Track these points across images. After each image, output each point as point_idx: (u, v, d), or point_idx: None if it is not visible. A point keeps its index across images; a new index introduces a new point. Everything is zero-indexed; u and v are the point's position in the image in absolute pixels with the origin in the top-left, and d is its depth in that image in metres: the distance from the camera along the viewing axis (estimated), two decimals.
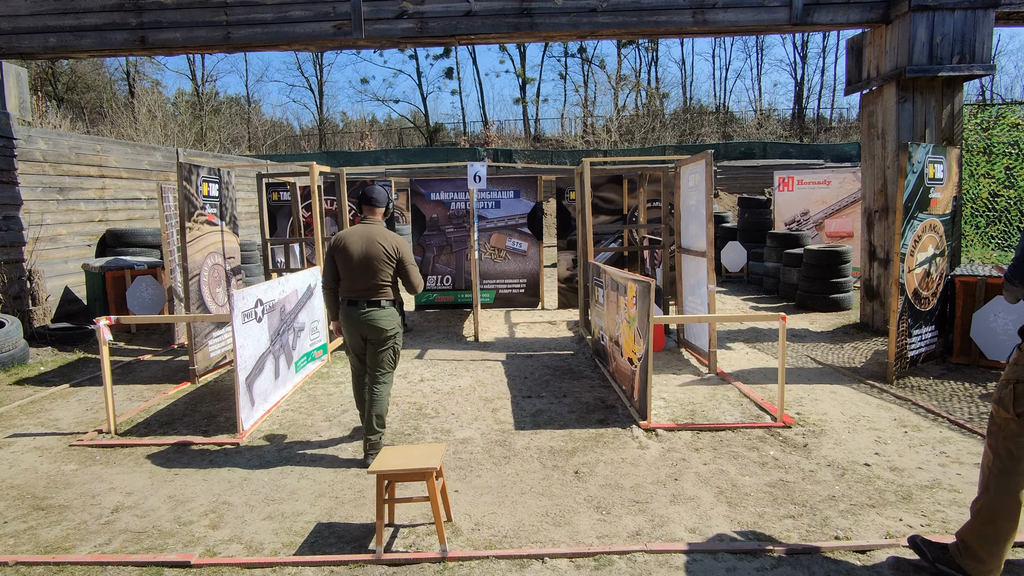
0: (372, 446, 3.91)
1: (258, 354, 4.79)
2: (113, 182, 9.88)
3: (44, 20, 6.58)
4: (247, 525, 3.22)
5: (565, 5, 6.47)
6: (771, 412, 4.62)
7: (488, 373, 5.93)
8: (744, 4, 6.40)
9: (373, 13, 6.51)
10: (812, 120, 32.91)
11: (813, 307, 8.66)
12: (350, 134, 34.96)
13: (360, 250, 3.86)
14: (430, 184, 9.40)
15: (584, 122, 31.95)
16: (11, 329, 6.43)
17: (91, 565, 2.86)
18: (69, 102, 26.68)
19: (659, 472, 3.71)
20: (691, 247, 6.24)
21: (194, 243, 5.90)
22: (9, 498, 3.56)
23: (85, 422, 4.83)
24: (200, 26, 6.57)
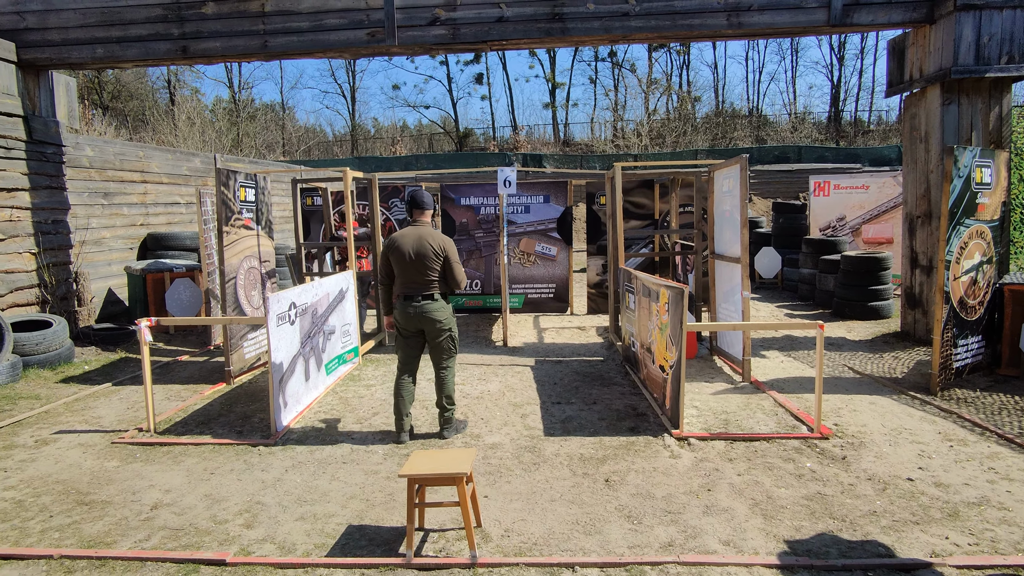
0: (446, 420, 4.42)
1: (292, 356, 4.87)
2: (154, 187, 10.18)
3: (92, 32, 6.82)
4: (280, 525, 3.26)
5: (597, 9, 6.45)
6: (807, 423, 4.51)
7: (517, 378, 5.91)
8: (781, 6, 6.28)
9: (406, 20, 6.58)
10: (849, 123, 32.14)
11: (851, 315, 8.43)
12: (381, 140, 35.43)
13: (412, 249, 4.23)
14: (460, 189, 9.45)
15: (614, 126, 31.78)
16: (58, 329, 6.66)
17: (131, 560, 2.94)
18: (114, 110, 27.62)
19: (692, 482, 3.64)
20: (725, 253, 6.14)
21: (231, 247, 6.03)
22: (55, 493, 3.68)
23: (126, 420, 4.97)
24: (239, 35, 6.73)
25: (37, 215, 7.14)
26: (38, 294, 7.13)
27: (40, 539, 3.16)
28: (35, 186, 7.11)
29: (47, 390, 5.83)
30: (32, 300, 7.07)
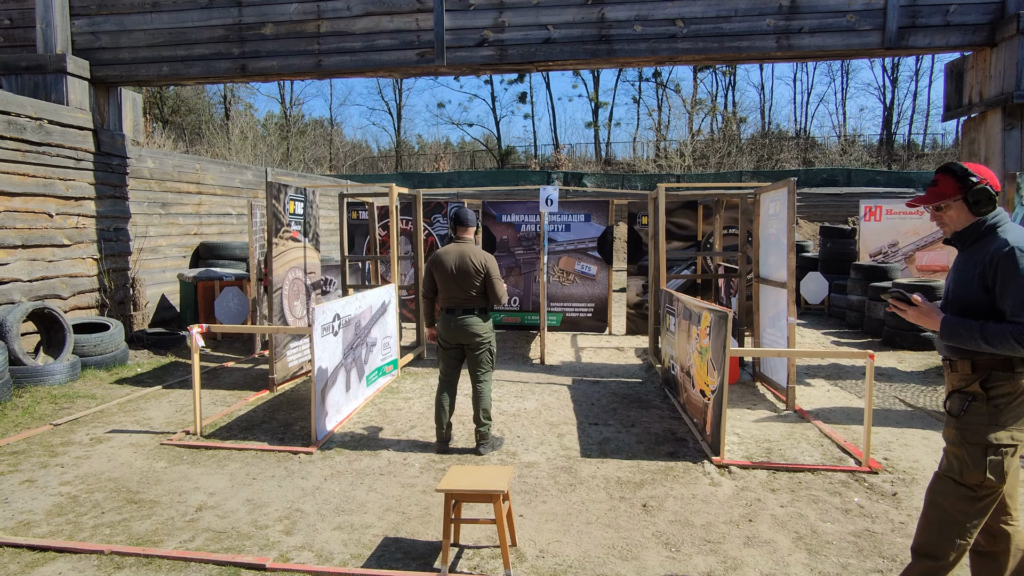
0: (482, 436, 4.43)
1: (333, 366, 4.97)
2: (208, 198, 10.61)
3: (159, 51, 7.20)
4: (318, 534, 3.31)
5: (644, 31, 6.48)
6: (855, 455, 4.34)
7: (554, 397, 5.89)
8: (833, 28, 6.19)
9: (455, 41, 6.74)
10: (902, 146, 31.19)
11: (902, 345, 8.12)
12: (425, 156, 36.10)
13: (454, 265, 4.35)
14: (501, 206, 9.54)
15: (657, 146, 31.62)
16: (115, 332, 6.96)
17: (176, 560, 3.02)
18: (173, 123, 28.95)
19: (732, 511, 3.55)
20: (770, 277, 6.02)
21: (278, 258, 6.22)
22: (107, 490, 3.83)
23: (174, 423, 5.14)
24: (295, 55, 7.01)
25: (101, 223, 7.51)
26: (98, 298, 7.48)
27: (92, 534, 3.29)
28: (100, 195, 7.50)
29: (102, 390, 6.09)
30: (92, 304, 7.41)
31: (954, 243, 2.40)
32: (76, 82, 7.23)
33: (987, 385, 2.24)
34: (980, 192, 2.26)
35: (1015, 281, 2.15)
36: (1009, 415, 2.21)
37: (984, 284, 2.23)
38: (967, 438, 2.24)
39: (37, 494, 3.76)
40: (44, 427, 4.96)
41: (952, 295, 2.36)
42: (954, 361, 2.33)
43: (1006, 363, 2.21)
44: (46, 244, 6.77)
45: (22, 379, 5.82)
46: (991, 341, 2.16)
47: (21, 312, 5.96)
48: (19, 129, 6.43)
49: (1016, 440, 2.21)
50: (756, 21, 6.28)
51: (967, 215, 2.32)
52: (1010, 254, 2.17)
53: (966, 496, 2.25)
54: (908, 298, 2.35)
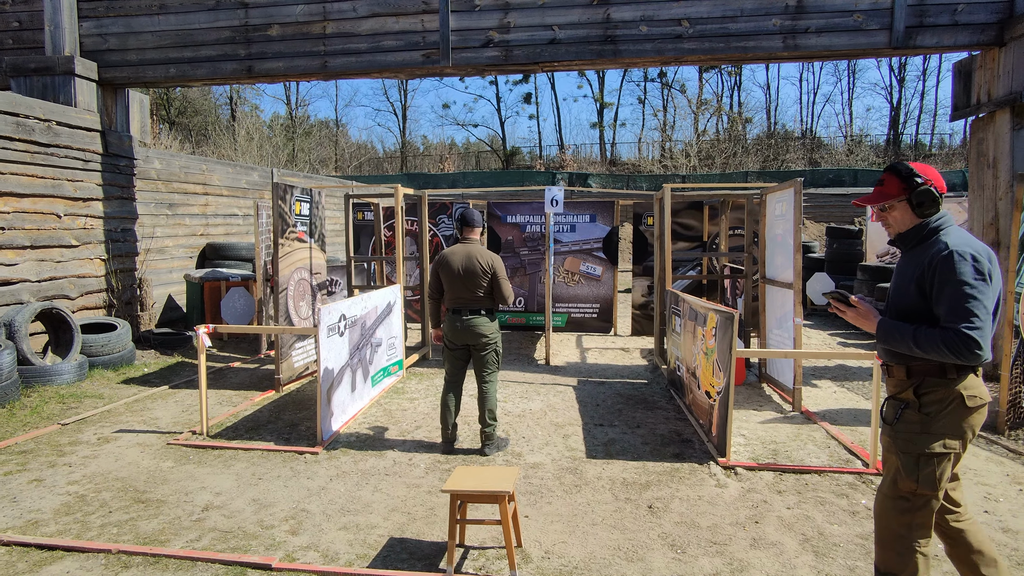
0: (487, 437, 4.44)
1: (339, 367, 4.98)
2: (215, 199, 10.65)
3: (166, 53, 7.24)
4: (324, 534, 3.32)
5: (649, 32, 6.46)
6: (862, 457, 4.32)
7: (559, 398, 5.88)
8: (839, 28, 6.17)
9: (460, 42, 6.74)
10: (909, 146, 31.03)
11: None
12: (430, 157, 36.14)
13: (460, 265, 4.35)
14: (506, 207, 9.54)
15: (662, 146, 31.56)
16: (122, 332, 7.00)
17: (183, 559, 3.04)
18: (179, 125, 29.09)
19: (738, 513, 3.53)
20: (776, 278, 5.99)
21: (284, 259, 6.24)
22: (114, 489, 3.85)
23: (181, 423, 5.16)
24: (300, 56, 7.03)
25: (108, 223, 7.56)
26: (105, 298, 7.52)
27: (100, 533, 3.30)
28: (108, 196, 7.54)
29: (110, 390, 6.12)
30: (99, 304, 7.45)
31: (898, 244, 2.36)
32: (84, 84, 7.27)
33: (920, 392, 2.19)
34: (924, 193, 2.22)
35: (951, 286, 2.09)
36: (941, 424, 2.16)
37: (922, 288, 2.18)
38: (900, 447, 2.20)
39: (45, 493, 3.78)
40: (52, 427, 4.99)
41: (892, 298, 2.33)
42: (891, 366, 2.30)
43: (939, 370, 2.17)
44: (54, 245, 6.81)
45: (30, 379, 5.86)
46: (922, 346, 2.11)
47: (30, 312, 6.00)
48: (28, 131, 6.47)
49: (949, 448, 2.16)
50: (762, 21, 6.26)
51: (911, 216, 2.27)
52: (948, 258, 2.12)
53: (904, 508, 2.20)
54: (847, 299, 2.33)
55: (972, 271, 2.08)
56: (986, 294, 2.08)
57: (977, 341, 2.03)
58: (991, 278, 2.11)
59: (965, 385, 2.16)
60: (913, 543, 2.19)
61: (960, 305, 2.06)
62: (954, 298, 2.08)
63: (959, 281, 2.07)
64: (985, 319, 2.06)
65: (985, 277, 2.09)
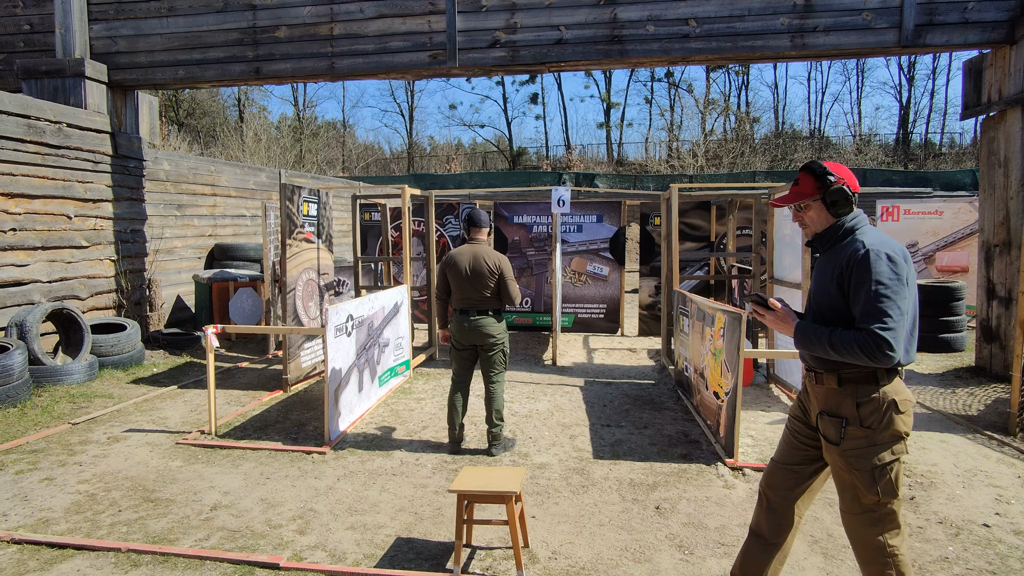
0: (494, 437, 4.42)
1: (346, 367, 4.99)
2: (223, 200, 10.71)
3: (175, 55, 7.29)
4: (331, 533, 3.33)
5: (656, 31, 6.45)
6: None
7: (566, 398, 5.87)
8: (848, 27, 6.13)
9: (467, 43, 6.75)
10: (919, 146, 30.81)
11: (919, 347, 8.01)
12: (436, 157, 36.20)
13: (468, 266, 4.36)
14: (513, 207, 9.54)
15: (669, 146, 31.48)
16: (131, 332, 7.05)
17: (192, 558, 3.05)
18: (188, 126, 29.28)
19: (746, 514, 3.51)
20: (784, 278, 5.96)
21: (292, 259, 6.27)
22: (124, 488, 3.87)
23: (190, 422, 5.19)
24: (308, 57, 7.06)
25: (118, 224, 7.61)
26: (115, 299, 7.58)
27: (109, 532, 3.33)
28: (117, 197, 7.60)
29: (119, 390, 6.16)
30: (109, 304, 7.51)
31: (815, 245, 2.34)
32: (94, 86, 7.33)
33: (858, 401, 2.15)
34: (837, 192, 2.21)
35: (866, 286, 2.07)
36: (884, 433, 2.13)
37: (841, 289, 2.16)
38: (853, 464, 2.16)
39: (56, 492, 3.81)
40: (63, 426, 5.03)
41: (813, 300, 2.30)
42: (820, 373, 2.24)
43: (870, 376, 2.13)
44: (65, 245, 6.87)
45: (41, 379, 5.91)
46: (837, 348, 2.08)
47: (41, 313, 6.06)
48: (39, 132, 6.53)
49: (897, 453, 2.14)
50: (770, 20, 6.23)
51: (826, 216, 2.26)
52: (865, 257, 2.09)
53: (873, 520, 2.18)
54: (766, 302, 2.30)
55: (888, 271, 2.07)
56: (900, 294, 2.06)
57: (889, 342, 2.00)
58: (907, 279, 2.09)
59: (895, 389, 2.14)
60: (892, 549, 2.16)
61: (874, 306, 2.04)
62: (868, 299, 2.06)
63: (874, 281, 2.06)
64: (899, 320, 2.04)
65: (901, 278, 2.07)
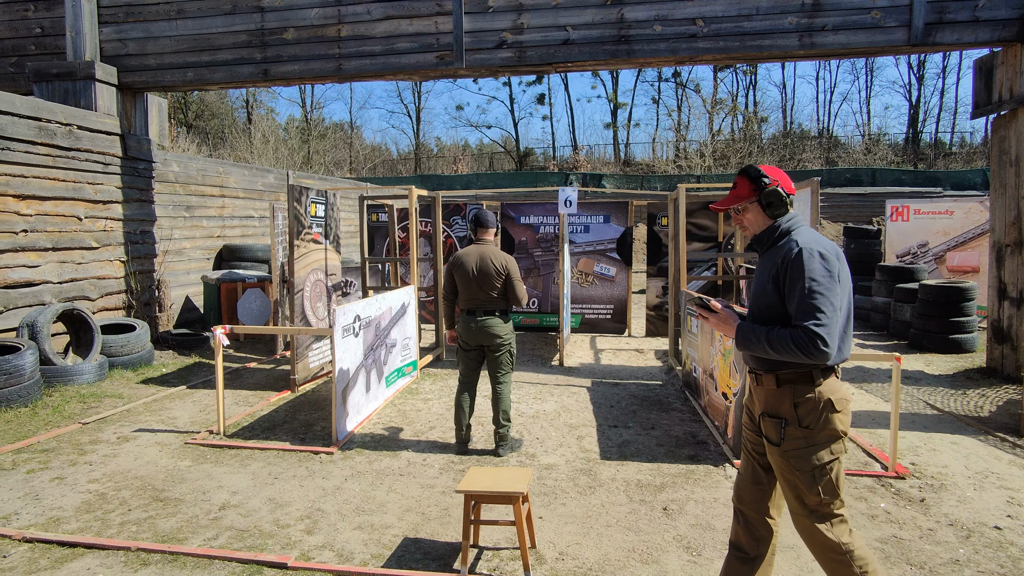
0: (501, 437, 4.44)
1: (354, 367, 5.01)
2: (231, 201, 10.77)
3: (184, 57, 7.34)
4: (339, 533, 3.34)
5: (664, 31, 6.43)
6: (881, 460, 4.26)
7: (573, 399, 5.87)
8: (856, 26, 6.09)
9: (474, 44, 6.76)
10: (929, 145, 30.57)
11: (929, 347, 7.95)
12: (444, 158, 36.25)
13: (474, 267, 4.35)
14: (520, 208, 9.53)
15: (676, 146, 31.39)
16: (141, 333, 7.10)
17: (200, 557, 3.07)
18: (196, 128, 29.45)
19: None
20: None
21: (300, 260, 6.29)
22: (133, 488, 3.90)
23: (198, 422, 5.22)
24: (315, 59, 7.08)
25: (128, 226, 7.67)
26: (124, 299, 7.64)
27: (119, 531, 3.35)
28: (127, 199, 7.66)
29: (129, 390, 6.20)
30: (119, 305, 7.57)
31: (754, 247, 2.39)
32: (104, 88, 7.39)
33: (795, 402, 2.18)
34: (772, 194, 2.26)
35: (800, 283, 2.11)
36: (823, 432, 2.16)
37: (777, 288, 2.20)
38: (794, 465, 2.19)
39: (67, 491, 3.84)
40: (73, 426, 5.07)
41: (752, 300, 2.34)
42: (759, 374, 2.28)
43: (806, 376, 2.17)
44: (75, 247, 6.93)
45: (52, 378, 5.96)
46: (775, 346, 2.11)
47: (52, 313, 6.11)
48: (50, 135, 6.59)
49: (836, 452, 2.17)
50: (778, 19, 6.21)
51: (763, 217, 2.31)
52: (798, 256, 2.13)
53: (817, 519, 2.20)
54: (708, 305, 2.34)
55: (820, 269, 2.10)
56: (833, 291, 2.09)
57: (823, 338, 2.03)
58: (839, 276, 2.13)
59: (831, 388, 2.17)
60: (845, 547, 2.18)
61: (807, 302, 2.08)
62: (802, 296, 2.09)
63: (807, 278, 2.09)
64: (832, 316, 2.07)
65: (833, 275, 2.11)
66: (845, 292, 2.15)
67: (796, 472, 2.18)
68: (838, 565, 2.19)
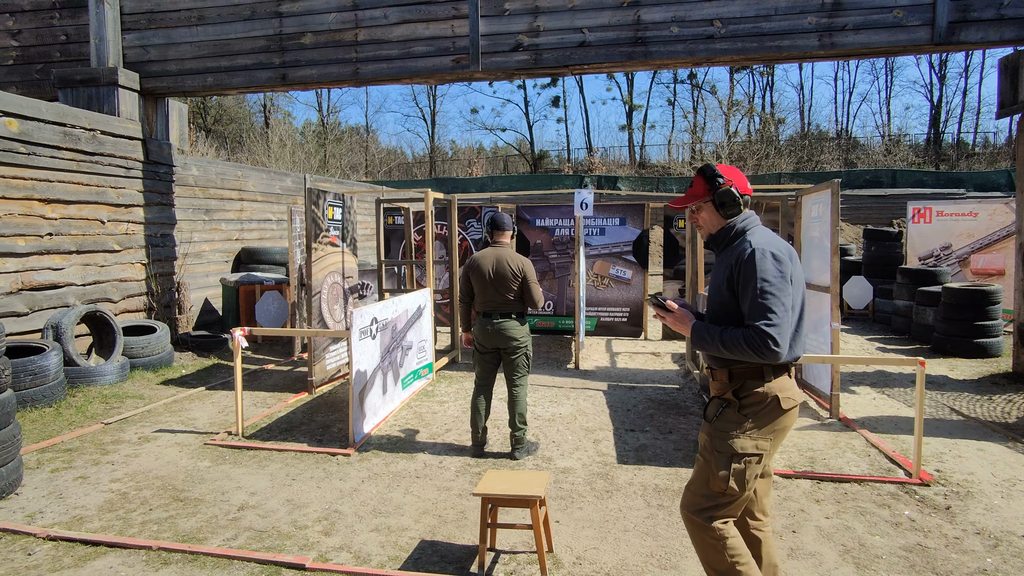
0: (517, 441, 4.41)
1: (371, 369, 5.03)
2: (250, 204, 10.89)
3: (204, 62, 7.44)
4: (356, 535, 3.35)
5: (681, 33, 6.40)
6: (905, 466, 4.18)
7: (589, 403, 5.84)
8: (878, 25, 6.01)
9: (490, 47, 6.77)
10: (951, 146, 30.07)
11: (953, 352, 7.80)
12: (458, 161, 36.36)
13: (491, 269, 4.35)
14: (535, 211, 9.53)
15: (692, 148, 31.20)
16: (161, 335, 7.19)
17: (220, 557, 3.09)
18: (215, 132, 29.84)
19: (775, 522, 3.44)
20: (812, 281, 5.85)
21: (317, 263, 6.34)
22: (154, 487, 3.95)
23: (217, 423, 5.27)
24: (333, 63, 7.14)
25: (148, 229, 7.78)
26: (145, 301, 7.75)
27: (141, 530, 3.39)
28: (148, 202, 7.77)
29: (149, 391, 6.29)
30: (140, 307, 7.68)
31: (711, 246, 2.40)
32: (127, 94, 7.51)
33: (740, 393, 2.22)
34: (725, 194, 2.27)
35: (752, 283, 2.12)
36: (756, 423, 2.20)
37: (731, 288, 2.22)
38: (716, 445, 2.23)
39: (89, 490, 3.90)
40: (96, 426, 5.15)
41: (709, 300, 2.35)
42: (713, 370, 2.32)
43: (757, 372, 2.20)
44: (98, 250, 7.05)
45: (76, 379, 6.06)
46: (728, 346, 2.14)
47: (76, 315, 6.21)
48: (74, 140, 6.72)
49: (760, 449, 2.20)
50: (797, 20, 6.14)
51: (718, 217, 2.33)
52: (751, 256, 2.15)
53: (709, 500, 2.24)
54: (665, 304, 2.35)
55: (772, 270, 2.12)
56: (785, 291, 2.11)
57: (775, 338, 2.05)
58: (791, 277, 2.15)
59: (781, 386, 2.20)
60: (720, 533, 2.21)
61: (759, 303, 2.10)
62: (754, 296, 2.11)
63: (759, 279, 2.11)
64: (783, 316, 2.09)
65: (785, 276, 2.13)
66: (798, 293, 2.19)
67: (715, 453, 2.22)
68: (711, 550, 2.23)
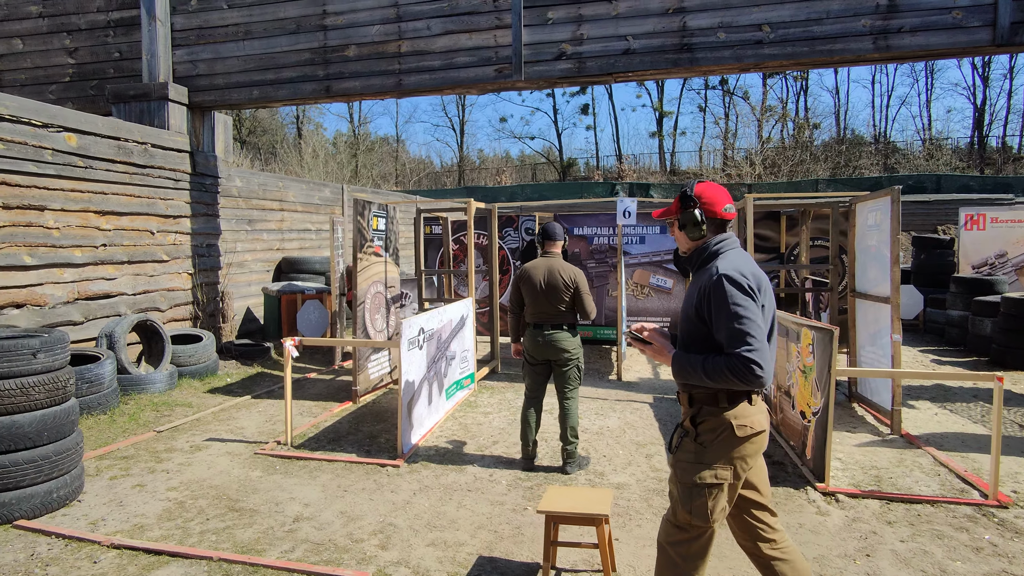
0: (569, 455, 4.32)
1: (419, 380, 5.01)
2: (290, 215, 11.05)
3: (251, 76, 7.58)
4: (413, 549, 3.30)
5: (728, 38, 6.28)
6: (979, 487, 3.98)
7: (636, 415, 5.72)
8: (937, 26, 5.81)
9: (533, 56, 6.75)
10: (996, 149, 29.09)
11: (1014, 365, 7.47)
12: (487, 170, 36.52)
13: (542, 279, 4.29)
14: (573, 219, 9.46)
15: (724, 155, 30.79)
16: (207, 343, 7.30)
17: (280, 570, 3.08)
18: (249, 144, 30.50)
19: (846, 544, 3.30)
20: (869, 291, 5.66)
21: (361, 272, 6.37)
22: (209, 497, 3.97)
23: (265, 432, 5.31)
24: (376, 75, 7.20)
25: (195, 239, 7.94)
26: (191, 311, 7.89)
27: (200, 540, 3.40)
28: (195, 213, 7.93)
29: (197, 399, 6.37)
30: (186, 316, 7.82)
31: (682, 264, 2.38)
32: (176, 108, 7.69)
33: (696, 420, 2.16)
34: (685, 216, 2.23)
35: (724, 311, 2.05)
36: (713, 453, 2.12)
37: (699, 314, 2.15)
38: (678, 476, 2.17)
39: (148, 498, 3.94)
40: (148, 433, 5.23)
41: (680, 326, 2.28)
42: (680, 393, 2.28)
43: (712, 398, 2.14)
44: (148, 260, 7.20)
45: (127, 387, 6.17)
46: (711, 375, 2.06)
47: (128, 324, 6.34)
48: (127, 153, 6.89)
49: (721, 479, 2.11)
50: (850, 22, 5.98)
51: (683, 237, 2.28)
52: (718, 282, 2.08)
53: (680, 539, 2.18)
54: (642, 337, 2.29)
55: (740, 294, 2.07)
56: (758, 314, 2.08)
57: (758, 362, 2.01)
58: (760, 300, 2.11)
59: (735, 414, 2.14)
60: (681, 570, 2.16)
61: (735, 328, 2.05)
62: (729, 323, 2.06)
63: (730, 304, 2.06)
64: (762, 339, 2.05)
65: (754, 298, 2.09)
66: (769, 315, 2.15)
67: (679, 484, 2.20)
68: (671, 568, 2.19)
